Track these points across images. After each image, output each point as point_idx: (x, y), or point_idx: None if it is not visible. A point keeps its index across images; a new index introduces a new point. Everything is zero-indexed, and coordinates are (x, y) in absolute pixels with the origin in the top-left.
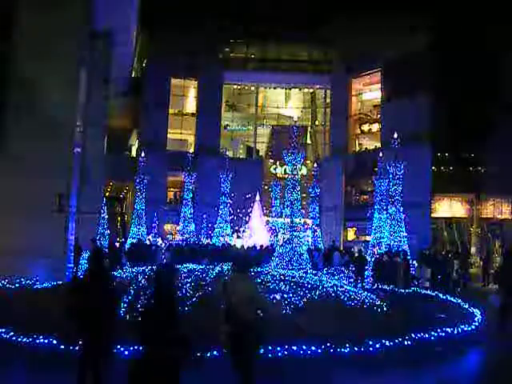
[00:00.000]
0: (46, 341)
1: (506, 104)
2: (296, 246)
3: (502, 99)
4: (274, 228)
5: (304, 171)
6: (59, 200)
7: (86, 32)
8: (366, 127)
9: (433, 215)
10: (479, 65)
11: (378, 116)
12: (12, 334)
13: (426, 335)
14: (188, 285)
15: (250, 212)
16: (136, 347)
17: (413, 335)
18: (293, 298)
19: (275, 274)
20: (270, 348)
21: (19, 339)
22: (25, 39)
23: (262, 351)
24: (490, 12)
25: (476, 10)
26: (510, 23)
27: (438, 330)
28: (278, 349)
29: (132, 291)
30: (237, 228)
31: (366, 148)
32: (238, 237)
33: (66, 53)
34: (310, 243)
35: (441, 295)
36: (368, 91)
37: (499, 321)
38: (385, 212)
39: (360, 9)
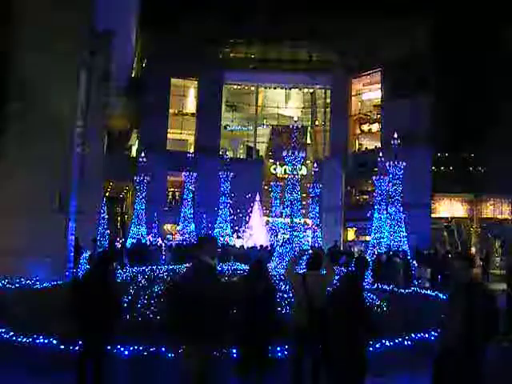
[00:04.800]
0: (46, 341)
1: (505, 103)
2: (296, 246)
3: (502, 99)
4: (273, 228)
5: (304, 171)
6: (59, 200)
7: (86, 32)
8: (365, 127)
9: (433, 215)
10: (479, 65)
11: (378, 116)
12: (12, 333)
13: (426, 335)
14: None
15: (250, 212)
16: (136, 347)
17: (413, 335)
18: (293, 298)
19: (275, 274)
20: (269, 348)
21: (19, 339)
22: (25, 39)
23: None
24: (489, 12)
25: (476, 10)
26: (509, 22)
27: (438, 330)
28: (278, 349)
29: (132, 291)
30: (237, 228)
31: (366, 148)
32: (238, 237)
33: (66, 53)
34: (309, 243)
35: (441, 295)
36: (368, 91)
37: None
38: (385, 212)
39: (360, 9)
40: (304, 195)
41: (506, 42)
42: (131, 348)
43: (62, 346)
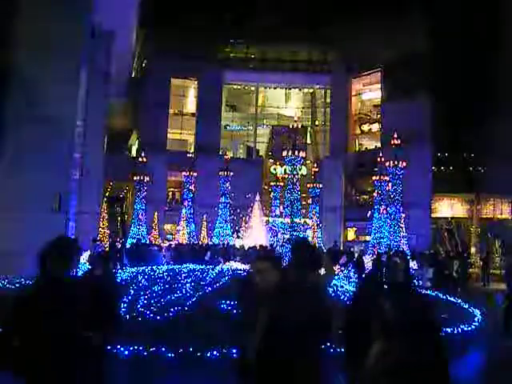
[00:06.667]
0: None
1: (505, 104)
2: None
3: (502, 99)
4: (273, 228)
5: (304, 171)
6: (59, 200)
7: (87, 32)
8: (365, 127)
9: (433, 215)
10: (479, 65)
11: (378, 116)
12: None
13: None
14: (188, 285)
15: (250, 212)
16: (136, 347)
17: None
18: None
19: None
20: None
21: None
22: (25, 39)
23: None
24: (489, 11)
25: (476, 10)
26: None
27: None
28: None
29: (132, 291)
30: (237, 228)
31: (366, 148)
32: (238, 237)
33: (66, 53)
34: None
35: (441, 295)
36: (368, 91)
37: (504, 320)
38: (385, 212)
39: (360, 9)
40: (304, 195)
41: (505, 41)
42: (131, 348)
43: None
